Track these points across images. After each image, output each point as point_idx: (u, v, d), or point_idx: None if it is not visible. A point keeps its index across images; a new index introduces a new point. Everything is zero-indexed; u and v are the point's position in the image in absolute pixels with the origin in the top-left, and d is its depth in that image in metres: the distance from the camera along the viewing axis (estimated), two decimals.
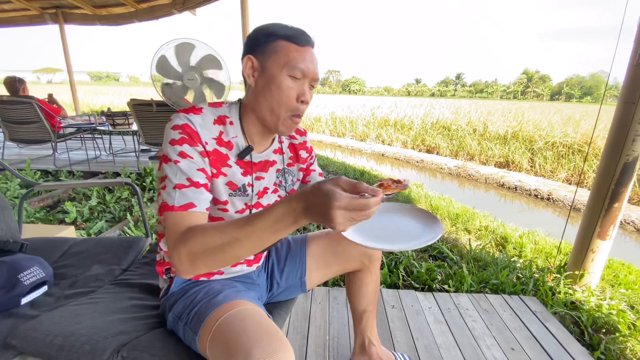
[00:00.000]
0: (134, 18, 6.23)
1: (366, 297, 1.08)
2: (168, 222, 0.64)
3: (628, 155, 1.60)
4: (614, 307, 1.65)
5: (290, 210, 0.53)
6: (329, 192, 0.49)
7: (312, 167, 0.99)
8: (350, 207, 0.49)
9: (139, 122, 3.84)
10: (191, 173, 0.67)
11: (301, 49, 0.71)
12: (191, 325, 0.74)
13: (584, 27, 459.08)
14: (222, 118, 0.76)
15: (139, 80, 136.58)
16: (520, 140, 7.46)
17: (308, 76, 0.72)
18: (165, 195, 0.65)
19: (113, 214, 2.77)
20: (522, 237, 2.60)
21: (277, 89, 0.71)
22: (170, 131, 0.68)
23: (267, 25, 0.73)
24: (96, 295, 1.01)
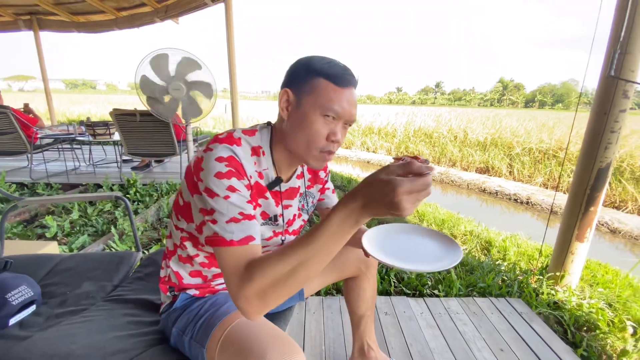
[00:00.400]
0: (113, 26, 6.12)
1: (364, 302, 1.10)
2: (226, 259, 0.60)
3: (601, 162, 1.70)
4: (594, 305, 1.73)
5: (349, 212, 0.52)
6: (389, 181, 0.47)
7: (327, 185, 1.00)
8: (414, 190, 0.47)
9: (122, 132, 3.76)
10: (243, 206, 0.64)
11: (340, 90, 0.69)
12: (197, 338, 0.74)
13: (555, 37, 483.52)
14: (257, 149, 0.74)
15: (117, 88, 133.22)
16: (499, 146, 7.73)
17: (343, 117, 0.70)
18: (220, 230, 0.61)
19: (96, 228, 2.69)
20: (505, 240, 2.70)
21: (308, 128, 0.69)
22: (214, 163, 0.64)
23: (310, 59, 0.71)
24: (89, 313, 0.99)
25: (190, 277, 0.83)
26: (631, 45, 1.53)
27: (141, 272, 1.23)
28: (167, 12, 5.64)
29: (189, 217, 0.74)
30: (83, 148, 5.11)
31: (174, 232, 0.82)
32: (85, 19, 6.30)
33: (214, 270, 0.83)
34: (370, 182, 0.51)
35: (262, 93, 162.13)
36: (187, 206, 0.74)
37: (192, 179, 0.68)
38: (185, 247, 0.80)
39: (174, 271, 0.83)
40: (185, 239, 0.79)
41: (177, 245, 0.81)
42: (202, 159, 0.66)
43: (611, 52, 1.59)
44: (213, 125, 12.03)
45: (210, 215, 0.63)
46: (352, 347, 1.19)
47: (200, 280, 0.85)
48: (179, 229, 0.79)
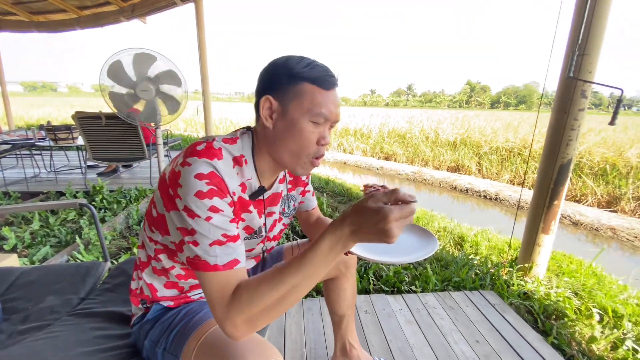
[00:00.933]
0: (75, 25, 5.81)
1: (345, 302, 1.10)
2: (211, 284, 0.58)
3: (563, 158, 1.80)
4: (561, 294, 1.83)
5: (338, 239, 0.54)
6: (379, 210, 0.50)
7: (308, 188, 0.99)
8: (402, 217, 0.50)
9: (86, 136, 3.57)
10: (226, 227, 0.61)
11: (326, 92, 0.67)
12: (171, 349, 0.71)
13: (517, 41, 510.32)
14: (239, 158, 0.69)
15: (80, 90, 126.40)
16: (468, 146, 8.03)
17: (330, 120, 0.69)
18: (202, 253, 0.59)
19: (59, 238, 2.52)
20: (476, 235, 2.80)
21: (299, 135, 0.67)
22: (193, 181, 0.59)
23: (289, 63, 0.67)
24: (54, 328, 0.92)
25: (165, 288, 0.79)
26: (589, 47, 1.64)
27: (109, 283, 1.17)
28: (134, 11, 5.42)
29: (164, 229, 0.70)
30: (43, 154, 4.80)
31: (147, 244, 0.77)
32: (45, 18, 5.95)
33: (191, 282, 0.80)
34: (360, 210, 0.53)
35: (235, 94, 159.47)
36: (161, 218, 0.69)
37: (167, 192, 0.63)
38: (160, 259, 0.75)
39: (148, 283, 0.78)
40: (160, 252, 0.75)
41: (151, 257, 0.76)
42: (180, 174, 0.61)
43: (570, 54, 1.69)
44: (184, 128, 11.69)
45: (191, 236, 0.60)
46: (334, 347, 1.19)
47: (176, 292, 0.81)
48: (153, 241, 0.74)
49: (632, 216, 4.50)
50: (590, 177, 5.43)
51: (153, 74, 2.76)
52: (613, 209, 4.76)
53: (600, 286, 1.98)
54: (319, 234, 0.57)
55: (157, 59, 2.71)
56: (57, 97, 50.36)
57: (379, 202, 0.52)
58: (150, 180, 3.90)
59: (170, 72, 2.79)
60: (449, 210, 4.31)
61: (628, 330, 1.60)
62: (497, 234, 2.97)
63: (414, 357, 1.36)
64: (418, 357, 1.35)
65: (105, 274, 1.28)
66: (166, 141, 4.31)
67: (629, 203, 4.67)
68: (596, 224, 4.10)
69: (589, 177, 5.42)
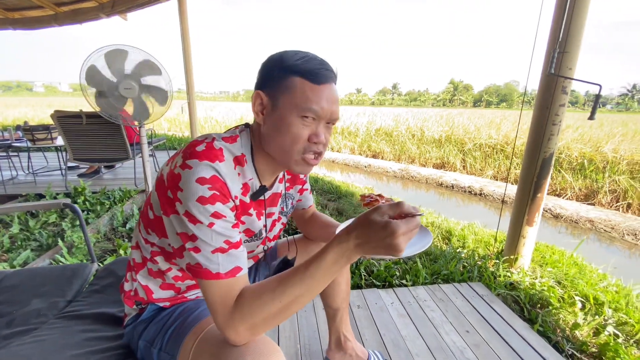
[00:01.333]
0: (53, 22, 5.61)
1: (339, 295, 1.11)
2: (213, 291, 0.58)
3: (545, 152, 1.86)
4: (545, 284, 1.89)
5: (343, 251, 0.54)
6: (386, 225, 0.50)
7: (305, 186, 0.98)
8: (409, 230, 0.51)
9: (66, 136, 3.45)
10: (229, 233, 0.60)
11: (318, 87, 0.63)
12: (167, 349, 0.70)
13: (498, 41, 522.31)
14: (240, 158, 0.67)
15: (57, 90, 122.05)
16: (452, 143, 8.18)
17: (324, 117, 0.65)
18: (204, 261, 0.58)
19: (39, 242, 2.43)
20: (463, 229, 2.86)
21: (287, 131, 0.64)
22: (195, 186, 0.57)
23: (282, 56, 0.65)
24: (40, 332, 0.89)
25: (161, 290, 0.77)
26: (569, 45, 1.70)
27: (97, 285, 1.14)
28: (114, 8, 5.26)
29: (161, 231, 0.68)
30: (21, 156, 4.62)
31: (142, 246, 0.75)
32: (21, 15, 5.71)
33: (187, 283, 0.78)
34: (366, 224, 0.52)
35: (220, 93, 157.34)
36: (158, 221, 0.67)
37: (166, 195, 0.61)
38: (157, 261, 0.73)
39: (143, 285, 0.76)
40: (156, 254, 0.73)
41: (147, 259, 0.75)
42: (180, 178, 0.58)
43: (551, 52, 1.74)
44: (168, 128, 11.46)
45: (192, 242, 0.58)
46: (328, 340, 1.19)
47: (173, 293, 0.79)
48: (149, 242, 0.72)
49: (608, 208, 4.69)
50: (569, 171, 5.63)
51: (130, 69, 2.68)
52: (591, 202, 4.95)
53: (581, 275, 2.06)
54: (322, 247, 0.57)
55: (128, 52, 2.63)
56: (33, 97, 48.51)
57: (385, 216, 0.52)
58: (135, 180, 3.81)
59: (146, 63, 2.70)
60: (436, 206, 4.38)
61: (609, 316, 1.67)
62: (482, 227, 3.04)
63: (406, 348, 1.38)
64: (411, 349, 1.38)
65: (92, 276, 1.25)
66: (150, 140, 4.21)
67: (605, 196, 4.86)
68: (575, 217, 4.26)
69: (567, 172, 5.61)
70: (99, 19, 5.59)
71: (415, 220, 0.52)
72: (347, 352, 1.16)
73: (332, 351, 1.18)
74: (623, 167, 5.34)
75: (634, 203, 4.58)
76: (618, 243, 3.70)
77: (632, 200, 4.61)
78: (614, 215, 4.24)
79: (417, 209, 0.54)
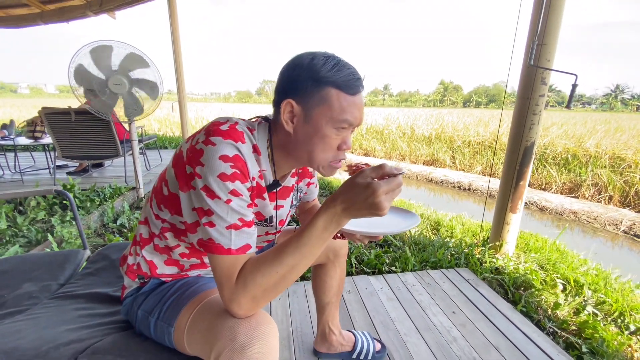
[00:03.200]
0: (38, 20, 5.50)
1: (331, 290, 1.12)
2: (222, 265, 0.59)
3: (527, 141, 1.93)
4: (528, 268, 1.96)
5: (331, 216, 0.57)
6: (368, 185, 0.53)
7: (313, 180, 0.99)
8: (390, 190, 0.53)
9: (55, 133, 3.42)
10: (243, 212, 0.61)
11: (351, 97, 0.64)
12: (164, 318, 0.72)
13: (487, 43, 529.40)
14: (257, 147, 0.68)
15: (43, 92, 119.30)
16: (442, 140, 8.31)
17: (354, 125, 0.67)
18: (217, 236, 0.59)
19: (28, 238, 2.41)
20: (451, 220, 2.93)
21: (321, 141, 0.65)
22: (217, 162, 0.59)
23: (314, 64, 0.63)
24: (34, 311, 0.91)
25: (165, 265, 0.79)
26: (547, 37, 1.77)
27: (91, 268, 1.15)
28: (102, 6, 5.20)
29: (175, 208, 0.69)
30: (7, 155, 4.55)
31: (152, 221, 0.76)
32: (4, 13, 5.59)
33: (192, 261, 0.80)
34: (350, 187, 0.55)
35: (211, 95, 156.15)
36: (173, 197, 0.68)
37: (183, 171, 0.62)
38: (166, 237, 0.75)
39: (147, 260, 0.77)
40: (166, 230, 0.74)
41: (155, 234, 0.76)
42: (202, 153, 0.59)
43: (530, 44, 1.81)
44: (158, 128, 11.35)
45: (207, 217, 0.59)
46: (316, 330, 1.23)
47: (176, 270, 0.80)
48: (160, 219, 0.73)
49: (591, 201, 4.83)
50: (553, 166, 5.78)
51: (117, 64, 2.67)
52: (575, 195, 5.10)
53: (563, 260, 2.14)
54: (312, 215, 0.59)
55: (113, 47, 2.62)
56: (17, 99, 47.40)
57: (368, 178, 0.54)
58: (125, 178, 3.79)
59: (132, 56, 2.69)
60: (426, 201, 4.46)
61: (588, 297, 1.75)
62: (470, 218, 3.12)
63: (395, 329, 1.42)
64: (399, 329, 1.42)
65: (85, 262, 1.26)
66: (141, 138, 4.19)
67: (588, 189, 5.01)
68: (560, 209, 4.38)
69: (552, 166, 5.76)
70: (86, 17, 5.50)
71: (396, 180, 0.54)
72: (331, 344, 1.21)
73: (318, 343, 1.23)
74: (605, 162, 5.51)
75: (615, 195, 4.73)
76: (600, 233, 3.83)
77: (613, 192, 4.76)
78: (597, 207, 4.37)
79: (399, 169, 0.56)
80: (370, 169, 0.56)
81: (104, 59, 2.63)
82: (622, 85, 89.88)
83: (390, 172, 0.55)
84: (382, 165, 0.55)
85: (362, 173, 0.56)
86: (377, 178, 0.55)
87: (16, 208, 2.93)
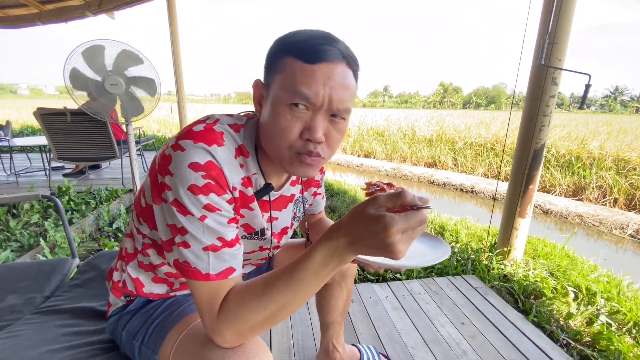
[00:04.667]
0: (37, 20, 5.46)
1: (336, 311, 1.04)
2: (201, 292, 0.52)
3: (537, 143, 1.86)
4: (538, 275, 1.89)
5: (332, 250, 0.46)
6: (379, 218, 0.41)
7: (319, 190, 0.89)
8: (409, 228, 0.41)
9: (50, 135, 3.35)
10: (222, 230, 0.53)
11: (310, 67, 0.51)
12: (149, 344, 0.65)
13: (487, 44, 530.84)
14: (243, 148, 0.59)
15: (43, 92, 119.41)
16: (443, 142, 8.24)
17: (319, 105, 0.52)
18: (193, 259, 0.51)
19: (20, 242, 2.34)
20: (456, 224, 2.86)
21: (274, 120, 0.53)
22: (187, 171, 0.50)
23: (285, 37, 0.55)
24: (14, 328, 0.83)
25: (153, 283, 0.71)
26: (558, 35, 1.70)
27: (79, 279, 1.08)
28: (101, 6, 5.15)
29: (152, 222, 0.60)
30: (2, 157, 4.48)
31: (135, 235, 0.68)
32: (3, 13, 5.54)
33: (181, 280, 0.72)
34: (357, 216, 0.44)
35: (211, 96, 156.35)
36: (149, 209, 0.60)
37: (156, 179, 0.54)
38: (148, 254, 0.67)
39: (133, 278, 0.69)
40: (148, 246, 0.66)
41: (139, 250, 0.68)
42: (170, 160, 0.51)
43: (540, 43, 1.75)
44: (157, 129, 11.30)
45: (181, 236, 0.51)
46: (319, 345, 1.15)
47: (166, 289, 0.72)
48: (141, 233, 0.66)
49: (596, 204, 4.76)
50: (557, 168, 5.71)
51: (111, 63, 2.60)
52: (579, 197, 5.02)
53: (573, 266, 2.07)
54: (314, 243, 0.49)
55: (105, 47, 2.55)
56: (17, 100, 47.39)
57: (381, 208, 0.42)
58: (122, 180, 3.72)
59: (125, 53, 2.61)
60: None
61: (601, 306, 1.67)
62: (475, 222, 3.05)
63: (402, 341, 1.35)
64: (406, 341, 1.35)
65: (74, 272, 1.19)
66: (138, 140, 4.13)
67: (592, 192, 4.94)
68: (565, 212, 4.31)
69: (556, 168, 5.69)
70: (85, 18, 5.45)
71: (418, 215, 0.42)
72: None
73: (321, 358, 1.14)
74: (609, 164, 5.44)
75: (620, 198, 4.66)
76: (606, 237, 3.75)
77: (618, 195, 4.69)
78: (602, 210, 4.30)
79: (424, 200, 0.43)
80: (386, 196, 0.43)
81: (97, 59, 2.56)
82: (621, 87, 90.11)
83: (412, 203, 0.42)
84: (401, 192, 0.42)
85: (375, 200, 0.43)
86: (396, 209, 0.43)
87: (9, 211, 2.87)
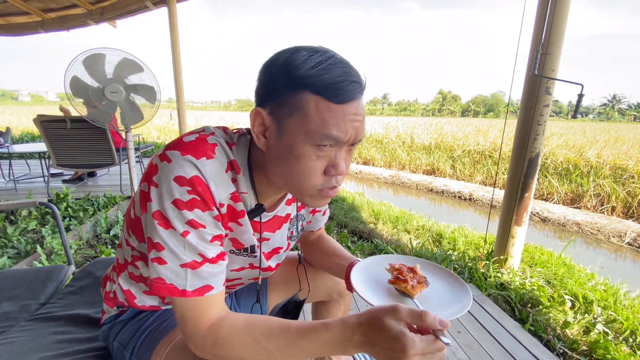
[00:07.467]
0: (39, 28, 5.53)
1: None
2: (184, 310, 0.51)
3: (532, 152, 1.88)
4: (535, 283, 1.89)
5: (344, 340, 0.46)
6: (398, 335, 0.41)
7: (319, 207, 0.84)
8: (427, 353, 0.41)
9: (49, 141, 3.37)
10: (204, 247, 0.51)
11: (340, 108, 0.48)
12: (138, 354, 0.65)
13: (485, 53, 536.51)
14: (235, 164, 0.56)
15: (44, 99, 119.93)
16: (442, 149, 8.28)
17: (345, 142, 0.50)
18: (170, 274, 0.49)
19: (17, 249, 2.34)
20: (454, 232, 2.86)
21: (297, 163, 0.50)
22: (172, 185, 0.48)
23: (290, 63, 0.48)
24: (9, 335, 0.84)
25: (145, 295, 0.70)
26: (551, 46, 1.73)
27: (74, 286, 1.08)
28: (103, 15, 5.23)
29: (140, 235, 0.59)
30: (2, 163, 4.49)
31: (124, 247, 0.67)
32: (5, 21, 5.62)
33: None
34: (377, 325, 0.44)
35: (211, 103, 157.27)
36: (138, 221, 0.58)
37: (142, 189, 0.53)
38: (137, 267, 0.66)
39: (124, 289, 0.68)
40: (137, 258, 0.65)
41: (129, 262, 0.67)
42: (157, 170, 0.50)
43: (534, 53, 1.78)
44: (157, 136, 11.34)
45: (157, 252, 0.49)
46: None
47: (158, 301, 0.71)
48: (130, 245, 0.64)
49: (594, 212, 4.77)
50: (555, 176, 5.73)
51: (111, 72, 2.63)
52: (577, 205, 5.04)
53: (570, 275, 2.07)
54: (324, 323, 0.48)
55: (105, 55, 2.59)
56: (18, 106, 47.59)
57: (402, 324, 0.42)
58: (121, 187, 3.73)
59: (126, 62, 2.64)
60: (426, 211, 4.39)
61: (598, 314, 1.67)
62: (472, 230, 3.05)
63: None
64: None
65: (69, 279, 1.19)
66: (138, 147, 4.15)
67: (590, 200, 4.96)
68: (562, 220, 4.31)
69: (553, 176, 5.72)
70: (87, 26, 5.53)
71: (436, 344, 0.42)
72: None
73: None
74: (606, 172, 5.46)
75: (617, 206, 4.67)
76: (604, 245, 3.75)
77: (615, 203, 4.71)
78: (600, 218, 4.31)
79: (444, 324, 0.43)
80: (408, 312, 0.43)
81: (97, 67, 2.59)
82: (618, 96, 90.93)
83: (432, 327, 0.42)
84: (423, 314, 0.42)
85: (396, 312, 0.43)
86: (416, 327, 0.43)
87: (7, 217, 2.87)
